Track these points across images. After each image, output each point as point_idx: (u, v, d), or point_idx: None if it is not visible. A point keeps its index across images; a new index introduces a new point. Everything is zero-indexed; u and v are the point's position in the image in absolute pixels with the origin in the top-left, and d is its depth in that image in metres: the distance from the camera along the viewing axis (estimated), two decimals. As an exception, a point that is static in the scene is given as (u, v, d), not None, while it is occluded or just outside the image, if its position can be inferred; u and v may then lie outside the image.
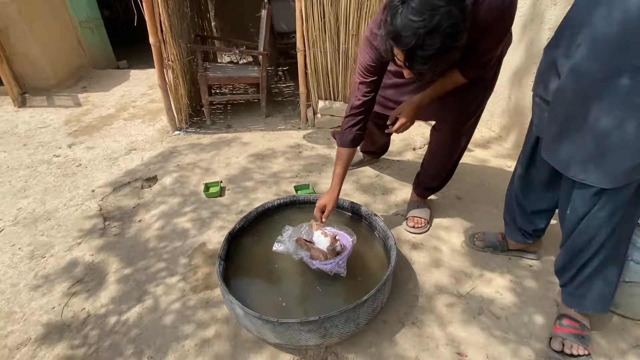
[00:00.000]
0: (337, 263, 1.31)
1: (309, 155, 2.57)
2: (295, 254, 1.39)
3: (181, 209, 2.01)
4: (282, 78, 4.59)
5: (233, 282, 1.34)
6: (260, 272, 1.43)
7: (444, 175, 1.81)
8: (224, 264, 1.34)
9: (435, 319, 1.35)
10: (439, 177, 1.81)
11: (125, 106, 3.72)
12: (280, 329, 1.08)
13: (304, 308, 1.30)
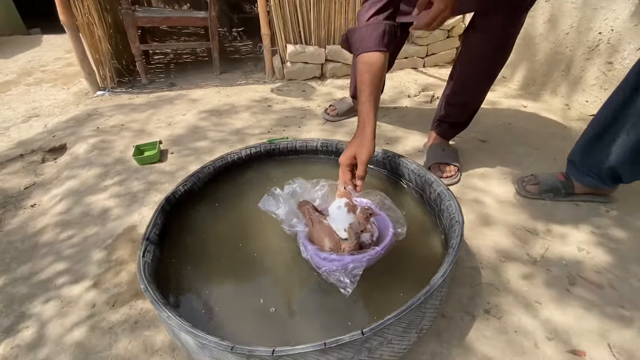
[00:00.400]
0: (351, 265, 0.72)
1: (282, 109, 1.98)
2: (288, 224, 0.82)
3: (99, 183, 1.35)
4: (237, 38, 3.88)
5: (177, 283, 0.75)
6: (227, 260, 0.83)
7: (477, 103, 1.33)
8: (155, 251, 0.74)
9: (516, 300, 0.86)
10: (470, 105, 1.32)
11: (30, 71, 2.84)
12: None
13: (307, 319, 0.73)
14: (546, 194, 1.19)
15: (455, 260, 0.63)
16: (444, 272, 0.60)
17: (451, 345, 0.75)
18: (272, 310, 0.71)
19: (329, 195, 0.88)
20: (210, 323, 0.67)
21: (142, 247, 0.69)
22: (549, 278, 0.93)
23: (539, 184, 1.20)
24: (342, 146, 1.13)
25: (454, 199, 0.79)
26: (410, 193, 0.99)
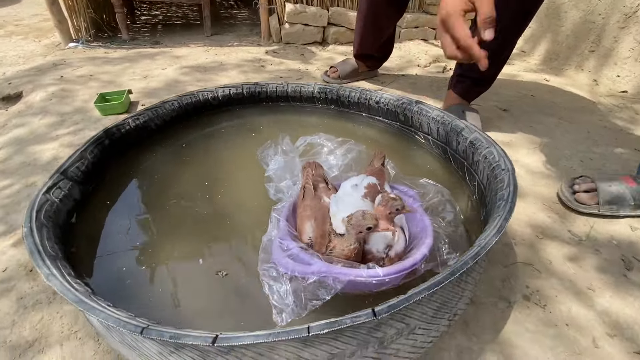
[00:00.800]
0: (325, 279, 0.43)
1: (276, 70, 1.75)
2: (275, 187, 0.60)
3: (51, 132, 1.12)
4: (233, 6, 3.62)
5: (102, 241, 0.53)
6: (178, 217, 0.61)
7: (507, 50, 1.11)
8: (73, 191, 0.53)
9: (562, 285, 0.66)
10: (498, 54, 1.11)
11: (3, 25, 2.58)
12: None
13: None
14: (608, 206, 0.81)
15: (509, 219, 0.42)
16: (498, 228, 0.40)
17: (483, 340, 0.55)
18: (223, 275, 0.50)
19: (353, 167, 0.64)
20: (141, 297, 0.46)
21: (50, 181, 0.48)
22: (600, 261, 0.73)
23: (597, 192, 0.82)
24: (344, 92, 0.91)
25: (496, 145, 0.58)
26: (429, 148, 0.78)
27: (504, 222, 0.41)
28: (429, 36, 2.40)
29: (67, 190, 0.50)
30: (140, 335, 0.28)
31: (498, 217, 0.42)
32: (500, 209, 0.44)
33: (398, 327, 0.34)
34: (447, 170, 0.72)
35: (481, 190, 0.59)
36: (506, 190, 0.47)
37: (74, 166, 0.53)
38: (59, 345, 0.51)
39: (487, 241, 0.38)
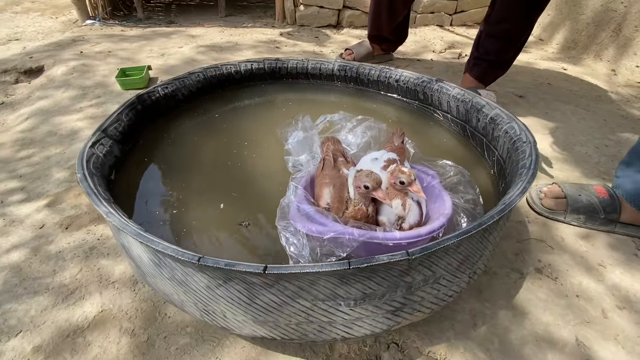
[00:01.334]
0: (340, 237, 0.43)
1: (290, 51, 1.75)
2: (293, 160, 0.62)
3: (74, 105, 1.15)
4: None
5: (140, 192, 0.56)
6: (205, 177, 0.64)
7: (524, 33, 1.11)
8: (114, 148, 0.55)
9: (573, 260, 0.68)
10: (515, 37, 1.10)
11: (19, 1, 2.59)
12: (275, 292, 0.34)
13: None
14: (574, 215, 0.75)
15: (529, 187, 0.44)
16: (522, 189, 0.41)
17: (496, 306, 0.58)
18: (247, 225, 0.53)
19: (372, 145, 0.65)
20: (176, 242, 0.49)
21: (94, 137, 0.50)
22: (612, 240, 0.74)
23: (566, 199, 0.76)
24: (364, 70, 0.92)
25: (517, 120, 0.60)
26: (447, 126, 0.79)
27: (527, 184, 0.43)
28: (445, 22, 2.37)
29: (109, 147, 0.53)
30: (198, 263, 0.31)
31: (521, 181, 0.44)
32: (523, 175, 0.45)
33: (425, 274, 0.36)
34: (466, 147, 0.73)
35: (500, 164, 0.61)
36: (528, 160, 0.49)
37: (112, 126, 0.56)
38: (99, 293, 0.55)
39: (512, 199, 0.40)
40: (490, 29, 1.11)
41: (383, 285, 0.35)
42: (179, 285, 0.37)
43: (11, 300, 0.53)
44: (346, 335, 0.37)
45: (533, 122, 1.19)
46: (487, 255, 0.44)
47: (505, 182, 0.56)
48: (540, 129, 1.15)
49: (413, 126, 0.84)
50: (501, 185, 0.58)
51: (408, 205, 0.48)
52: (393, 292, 0.35)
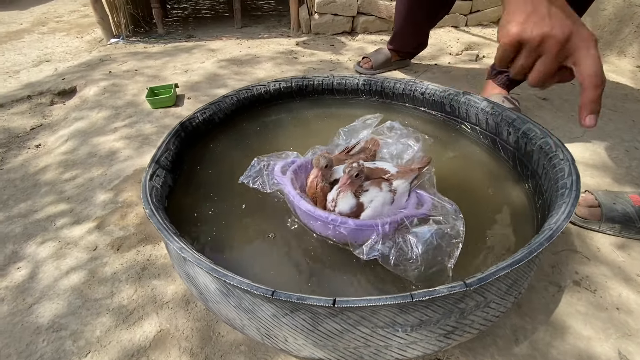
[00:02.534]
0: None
1: (308, 61, 1.78)
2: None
3: (109, 125, 1.21)
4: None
5: (191, 219, 0.60)
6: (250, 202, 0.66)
7: None
8: (167, 178, 0.59)
9: (612, 272, 0.68)
10: None
11: (45, 22, 2.71)
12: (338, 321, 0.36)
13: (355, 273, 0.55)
14: (609, 224, 0.74)
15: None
16: (567, 213, 0.43)
17: (536, 320, 0.59)
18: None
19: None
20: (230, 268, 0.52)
21: (150, 169, 0.54)
22: (651, 249, 0.74)
23: (600, 208, 0.75)
24: (389, 84, 0.94)
25: (551, 135, 0.60)
26: (476, 139, 0.80)
27: (571, 207, 0.44)
28: (460, 22, 2.35)
29: (163, 177, 0.56)
30: (272, 296, 0.34)
31: (564, 203, 0.45)
32: (565, 196, 0.46)
33: (478, 300, 0.38)
34: (497, 160, 0.74)
35: (535, 179, 0.61)
36: (568, 179, 0.49)
37: (163, 156, 0.59)
38: (155, 313, 0.59)
39: (559, 225, 0.41)
40: None
41: (439, 312, 0.37)
42: (244, 313, 0.40)
43: (77, 321, 0.57)
44: (399, 357, 0.40)
45: (560, 127, 1.18)
46: (532, 276, 0.46)
47: (542, 199, 0.57)
48: (567, 133, 1.14)
49: (441, 138, 0.85)
50: (538, 202, 0.58)
51: (342, 194, 0.53)
52: (447, 317, 0.37)
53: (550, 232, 0.40)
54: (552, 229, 0.41)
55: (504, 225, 0.60)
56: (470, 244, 0.59)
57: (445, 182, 0.72)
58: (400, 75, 1.64)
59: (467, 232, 0.51)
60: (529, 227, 0.57)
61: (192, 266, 0.41)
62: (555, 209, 0.46)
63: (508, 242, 0.56)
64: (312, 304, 0.33)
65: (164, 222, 0.44)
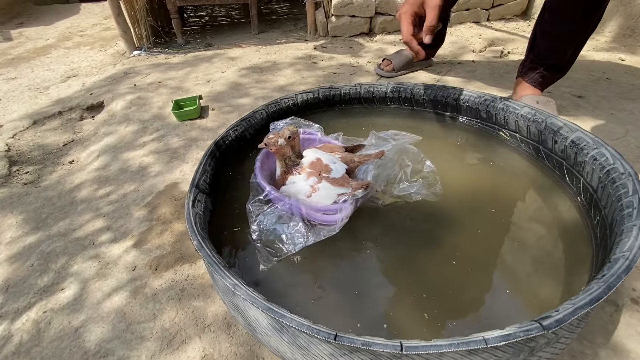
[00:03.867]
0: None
1: (328, 65, 1.76)
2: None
3: (137, 139, 1.23)
4: (272, 1, 3.65)
5: (233, 243, 0.59)
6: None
7: (587, 30, 1.03)
8: (207, 202, 0.59)
9: (673, 288, 0.64)
10: (576, 36, 1.03)
11: (69, 36, 2.80)
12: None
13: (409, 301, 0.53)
14: None
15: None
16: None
17: (595, 344, 0.55)
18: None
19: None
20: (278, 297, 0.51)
21: (191, 195, 0.54)
22: None
23: None
24: (419, 91, 0.91)
25: (606, 145, 0.57)
26: (517, 147, 0.76)
27: (645, 233, 0.41)
28: (482, 18, 2.28)
29: (204, 202, 0.56)
30: (334, 340, 0.33)
31: (635, 226, 0.42)
32: (634, 217, 0.43)
33: (549, 337, 0.36)
34: (541, 170, 0.70)
35: (589, 193, 0.58)
36: (634, 197, 0.46)
37: (202, 179, 0.59)
38: (198, 337, 0.59)
39: (635, 253, 0.38)
40: (547, 28, 1.05)
41: (508, 352, 0.34)
42: (298, 349, 0.39)
43: (123, 346, 0.58)
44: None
45: (599, 126, 1.12)
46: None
47: (601, 216, 0.53)
48: (608, 134, 1.08)
49: (477, 147, 0.82)
50: (595, 218, 0.55)
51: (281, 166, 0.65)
52: (516, 356, 0.35)
53: (627, 262, 0.37)
54: (627, 257, 0.38)
55: (557, 242, 0.57)
56: (524, 262, 0.56)
57: (488, 193, 0.69)
58: (424, 75, 1.60)
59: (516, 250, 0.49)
60: (586, 245, 0.54)
61: (242, 300, 0.40)
62: (625, 232, 0.42)
63: (566, 262, 0.53)
64: (378, 350, 0.32)
65: (213, 255, 0.44)
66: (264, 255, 0.55)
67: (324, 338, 0.33)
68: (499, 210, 0.56)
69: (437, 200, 0.63)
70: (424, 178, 0.64)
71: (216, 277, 0.41)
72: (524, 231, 0.60)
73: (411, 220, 0.64)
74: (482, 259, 0.57)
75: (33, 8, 3.86)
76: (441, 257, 0.58)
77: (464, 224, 0.64)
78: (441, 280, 0.54)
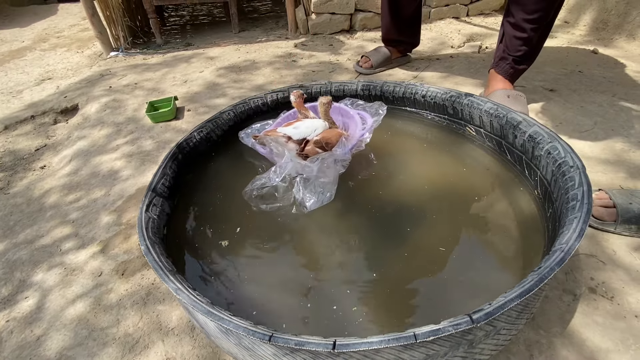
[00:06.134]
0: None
1: (308, 64, 1.76)
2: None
3: (110, 143, 1.21)
4: None
5: (191, 248, 0.59)
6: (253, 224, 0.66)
7: (550, 13, 1.04)
8: (164, 206, 0.58)
9: (629, 277, 0.66)
10: (539, 29, 1.05)
11: (46, 38, 2.74)
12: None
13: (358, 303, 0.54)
14: (625, 225, 0.70)
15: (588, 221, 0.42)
16: (579, 231, 0.40)
17: (551, 333, 0.57)
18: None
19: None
20: (233, 303, 0.51)
21: (146, 199, 0.53)
22: (671, 250, 0.70)
23: (615, 209, 0.71)
24: (388, 88, 0.91)
25: (559, 139, 0.58)
26: (482, 142, 0.77)
27: (583, 225, 0.41)
28: (461, 13, 2.30)
29: (160, 206, 0.56)
30: (269, 342, 0.33)
31: (575, 218, 0.43)
32: (577, 210, 0.44)
33: (487, 330, 0.36)
34: (504, 164, 0.72)
35: (545, 186, 0.59)
36: (579, 190, 0.47)
37: (160, 183, 0.59)
38: (161, 341, 0.58)
39: (571, 246, 0.39)
40: (511, 19, 1.07)
41: (445, 346, 0.35)
42: (245, 350, 0.39)
43: (84, 353, 0.57)
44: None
45: (569, 119, 1.14)
46: (543, 296, 0.44)
47: (553, 208, 0.54)
48: (577, 127, 1.10)
49: (444, 142, 0.83)
50: (548, 210, 0.56)
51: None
52: (455, 349, 0.36)
53: (562, 255, 0.38)
54: (563, 250, 0.39)
55: (514, 235, 0.58)
56: (478, 256, 0.57)
57: (449, 187, 0.70)
58: (401, 71, 1.61)
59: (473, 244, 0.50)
60: (540, 238, 0.55)
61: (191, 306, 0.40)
62: (567, 224, 0.43)
63: (518, 255, 0.54)
64: (311, 350, 0.32)
65: (160, 260, 0.43)
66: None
67: (259, 339, 0.34)
68: (459, 206, 0.57)
69: (400, 195, 0.64)
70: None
71: (166, 284, 0.40)
72: (482, 225, 0.61)
73: (371, 212, 0.65)
74: (439, 253, 0.57)
75: (9, 9, 3.76)
76: (398, 250, 0.59)
77: (425, 219, 0.64)
78: (397, 274, 0.55)
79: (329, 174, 0.65)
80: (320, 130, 0.72)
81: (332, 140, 0.70)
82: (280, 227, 0.64)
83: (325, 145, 0.69)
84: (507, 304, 0.34)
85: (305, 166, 0.64)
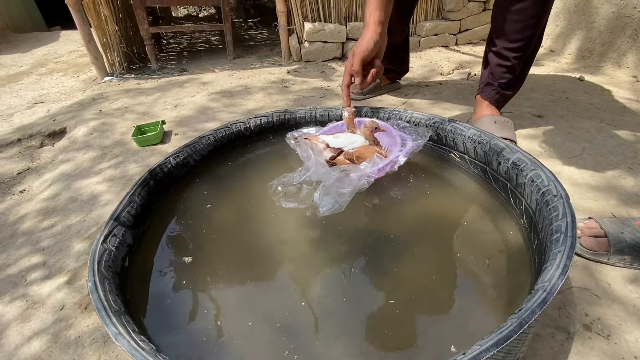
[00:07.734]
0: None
1: (299, 89, 1.78)
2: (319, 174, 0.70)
3: (94, 167, 1.19)
4: (252, 27, 3.74)
5: (156, 285, 0.55)
6: (229, 258, 0.62)
7: (528, 54, 1.06)
8: (126, 236, 0.55)
9: (626, 312, 0.62)
10: (524, 57, 1.06)
11: (44, 63, 2.79)
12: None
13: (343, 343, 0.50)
14: (619, 256, 0.67)
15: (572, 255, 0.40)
16: (562, 267, 0.37)
17: (544, 378, 0.52)
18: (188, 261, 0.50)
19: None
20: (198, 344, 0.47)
21: (105, 229, 0.50)
22: (668, 282, 0.67)
23: (607, 238, 0.68)
24: (372, 115, 0.91)
25: (542, 167, 0.56)
26: (466, 168, 0.75)
27: (567, 260, 0.38)
28: (450, 42, 2.36)
29: (121, 236, 0.52)
30: None
31: (559, 252, 0.40)
32: (560, 243, 0.41)
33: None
34: (489, 191, 0.69)
35: (530, 215, 0.56)
36: (562, 221, 0.44)
37: (125, 211, 0.56)
38: (117, 386, 0.53)
39: (553, 284, 0.36)
40: (494, 49, 1.08)
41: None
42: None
43: (31, 399, 0.52)
44: None
45: (557, 145, 1.13)
46: (530, 339, 0.40)
47: (538, 240, 0.51)
48: (565, 153, 1.09)
49: (428, 167, 0.81)
50: (534, 242, 0.53)
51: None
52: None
53: (544, 295, 0.35)
54: (545, 289, 0.35)
55: (499, 269, 0.55)
56: (461, 294, 0.54)
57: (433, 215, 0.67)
58: (391, 97, 1.62)
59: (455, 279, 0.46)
60: (527, 272, 0.52)
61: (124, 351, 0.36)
62: (550, 259, 0.40)
63: (503, 292, 0.51)
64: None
65: (106, 299, 0.40)
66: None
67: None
68: (443, 237, 0.54)
69: (382, 225, 0.61)
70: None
71: (106, 328, 0.36)
72: (465, 259, 0.58)
73: (350, 245, 0.62)
74: (422, 288, 0.54)
75: (12, 36, 3.86)
76: (379, 285, 0.55)
77: (410, 251, 0.61)
78: (377, 310, 0.51)
79: (348, 185, 0.65)
80: (358, 145, 0.76)
81: (364, 155, 0.73)
82: (254, 257, 0.61)
83: (355, 159, 0.73)
84: (481, 354, 0.30)
85: (325, 173, 0.67)
